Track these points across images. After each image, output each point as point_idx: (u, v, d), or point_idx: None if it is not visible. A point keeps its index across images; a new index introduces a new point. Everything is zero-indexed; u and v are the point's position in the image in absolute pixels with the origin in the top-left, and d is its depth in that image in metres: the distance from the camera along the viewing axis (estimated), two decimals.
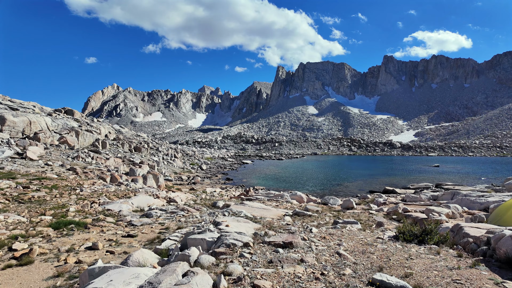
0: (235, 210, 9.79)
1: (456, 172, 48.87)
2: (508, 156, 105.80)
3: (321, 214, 11.08)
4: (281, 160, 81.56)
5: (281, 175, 43.37)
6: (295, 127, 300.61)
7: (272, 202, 18.46)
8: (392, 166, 62.81)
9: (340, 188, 31.01)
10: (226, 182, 36.19)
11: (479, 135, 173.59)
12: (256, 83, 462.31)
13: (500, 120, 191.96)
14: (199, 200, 18.74)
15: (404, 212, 10.54)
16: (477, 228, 5.16)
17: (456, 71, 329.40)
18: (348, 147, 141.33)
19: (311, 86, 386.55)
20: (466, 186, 30.51)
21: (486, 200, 10.98)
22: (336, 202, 17.51)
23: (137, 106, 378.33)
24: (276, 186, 32.46)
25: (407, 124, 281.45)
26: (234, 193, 27.54)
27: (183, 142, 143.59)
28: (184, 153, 65.75)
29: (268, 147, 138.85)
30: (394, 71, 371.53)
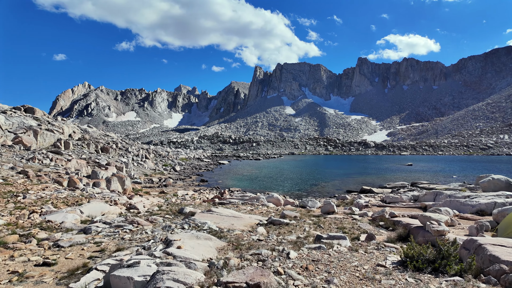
0: (198, 221, 8.20)
1: (428, 171, 49.74)
2: (474, 155, 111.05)
3: (300, 221, 9.72)
4: (259, 160, 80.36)
5: (258, 175, 42.02)
6: (273, 127, 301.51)
7: (247, 206, 16.97)
8: (367, 165, 63.37)
9: (317, 188, 30.12)
10: (201, 184, 34.29)
11: (447, 135, 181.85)
12: (234, 83, 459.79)
13: (465, 121, 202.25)
14: (166, 206, 16.91)
15: (391, 217, 9.41)
16: (503, 247, 3.99)
17: (426, 73, 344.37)
18: (324, 147, 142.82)
19: (288, 86, 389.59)
20: (440, 185, 30.63)
21: (478, 202, 10.15)
22: (315, 204, 16.31)
23: (109, 106, 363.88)
24: (253, 187, 31.02)
25: (380, 124, 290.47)
26: (208, 195, 25.77)
27: (157, 143, 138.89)
28: (156, 154, 62.79)
29: (245, 147, 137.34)
30: (368, 73, 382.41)
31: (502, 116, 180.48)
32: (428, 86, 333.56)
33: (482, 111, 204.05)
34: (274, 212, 13.93)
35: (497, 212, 7.40)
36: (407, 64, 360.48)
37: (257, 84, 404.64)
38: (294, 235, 6.92)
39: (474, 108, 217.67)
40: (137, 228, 7.41)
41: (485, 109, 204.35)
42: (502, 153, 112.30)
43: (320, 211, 12.33)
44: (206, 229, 7.33)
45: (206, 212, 10.32)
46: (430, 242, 6.26)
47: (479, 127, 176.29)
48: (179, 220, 9.52)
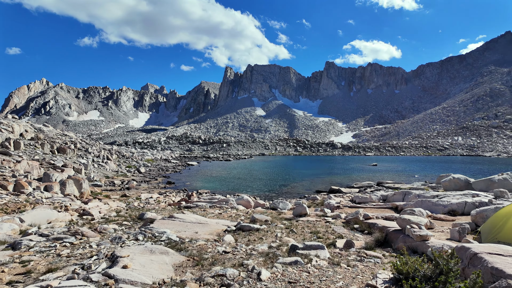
0: (156, 230, 7.18)
1: (392, 171, 51.62)
2: (432, 155, 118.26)
3: (271, 226, 9.02)
4: (229, 161, 79.21)
5: (228, 176, 41.03)
6: (244, 128, 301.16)
7: (215, 209, 16.03)
8: (335, 165, 64.75)
9: (287, 189, 29.83)
10: (167, 186, 32.63)
11: (408, 136, 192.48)
12: (204, 82, 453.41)
13: (424, 123, 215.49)
14: (125, 211, 15.46)
15: (365, 219, 9.02)
16: (501, 256, 3.55)
17: (388, 78, 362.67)
18: (294, 148, 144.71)
19: (259, 88, 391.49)
20: (404, 184, 31.69)
21: (450, 202, 10.11)
22: (286, 206, 15.76)
23: (70, 104, 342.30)
24: (222, 188, 30.03)
25: (346, 126, 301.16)
26: (174, 198, 24.38)
27: (122, 143, 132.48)
28: (120, 155, 59.46)
29: (216, 148, 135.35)
30: (335, 76, 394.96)
31: (456, 120, 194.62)
32: (390, 90, 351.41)
33: (439, 115, 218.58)
34: (243, 216, 13.16)
35: (476, 214, 7.22)
36: (371, 69, 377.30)
37: (227, 84, 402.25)
38: (265, 244, 6.19)
39: (432, 112, 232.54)
40: (80, 240, 6.24)
41: (441, 113, 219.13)
42: (457, 153, 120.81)
43: (292, 213, 11.74)
44: (164, 240, 6.36)
45: (167, 219, 9.27)
46: (412, 247, 5.83)
47: (436, 130, 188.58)
48: (134, 229, 8.38)
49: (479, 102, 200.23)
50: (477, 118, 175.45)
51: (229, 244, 6.39)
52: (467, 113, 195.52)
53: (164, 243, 6.09)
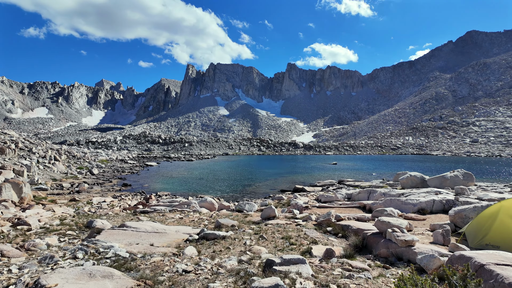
0: (101, 244, 5.97)
1: (351, 169, 53.42)
2: (386, 154, 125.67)
3: (239, 232, 8.18)
4: (191, 161, 76.77)
5: (190, 177, 39.34)
6: (207, 127, 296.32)
7: (175, 213, 14.77)
8: (298, 164, 65.68)
9: (252, 189, 29.19)
10: (123, 188, 30.23)
11: (364, 136, 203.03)
12: (164, 80, 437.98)
13: (378, 124, 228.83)
14: (71, 218, 13.62)
15: (337, 220, 8.56)
16: (511, 267, 3.12)
17: (346, 81, 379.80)
18: (257, 147, 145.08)
19: (222, 87, 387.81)
20: (364, 182, 32.61)
21: (419, 200, 10.07)
22: (252, 208, 15.02)
23: (13, 100, 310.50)
24: (184, 190, 28.52)
25: (307, 126, 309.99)
26: (130, 202, 22.48)
27: (73, 143, 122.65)
28: (70, 155, 54.57)
29: (177, 148, 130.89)
30: (296, 78, 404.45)
31: (407, 121, 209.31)
32: (347, 92, 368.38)
33: (391, 116, 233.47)
34: (207, 220, 12.15)
35: (454, 213, 7.05)
36: (330, 71, 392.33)
37: (189, 82, 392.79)
38: (234, 257, 5.33)
39: (385, 113, 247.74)
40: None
41: (394, 114, 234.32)
42: (408, 152, 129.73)
43: (259, 216, 11.01)
44: (110, 257, 5.21)
45: (117, 229, 7.99)
46: (397, 254, 5.36)
47: (389, 130, 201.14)
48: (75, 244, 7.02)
49: (426, 105, 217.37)
50: (425, 119, 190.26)
51: (190, 258, 5.42)
52: (416, 115, 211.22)
53: (110, 262, 4.97)
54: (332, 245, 6.58)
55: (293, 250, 6.32)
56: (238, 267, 4.63)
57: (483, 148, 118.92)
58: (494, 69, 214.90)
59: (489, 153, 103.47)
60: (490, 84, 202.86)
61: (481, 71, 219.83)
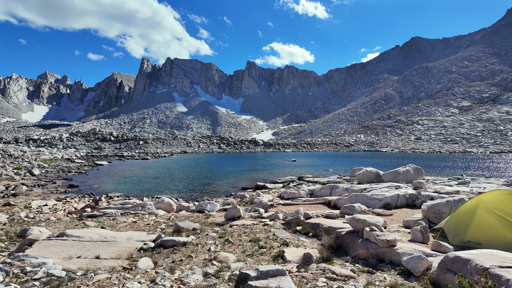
0: (29, 261, 4.78)
1: (309, 165, 54.73)
2: (340, 151, 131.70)
3: (201, 236, 7.37)
4: (147, 160, 72.92)
5: (145, 176, 37.03)
6: (163, 124, 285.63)
7: (128, 217, 13.39)
8: (258, 162, 65.78)
9: (213, 187, 28.24)
10: (68, 190, 27.35)
11: (320, 134, 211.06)
12: (117, 74, 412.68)
13: (333, 122, 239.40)
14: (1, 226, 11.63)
15: (306, 218, 8.16)
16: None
17: (303, 80, 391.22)
18: (217, 145, 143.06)
19: (179, 83, 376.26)
20: (322, 178, 33.38)
21: (384, 196, 10.11)
22: (214, 207, 14.18)
23: None
24: (139, 190, 26.61)
25: (266, 124, 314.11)
26: (77, 205, 20.30)
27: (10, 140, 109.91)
28: (5, 154, 48.54)
29: (131, 146, 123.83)
30: (255, 76, 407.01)
31: (359, 120, 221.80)
32: (305, 92, 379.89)
33: (345, 115, 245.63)
34: (165, 223, 11.07)
35: (427, 209, 6.98)
36: (288, 71, 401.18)
37: (144, 77, 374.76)
38: (198, 270, 4.54)
39: (339, 113, 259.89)
40: None
41: (347, 113, 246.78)
42: (360, 149, 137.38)
43: (223, 217, 10.26)
44: (39, 279, 4.11)
45: (54, 239, 6.71)
46: (377, 255, 5.00)
47: (343, 128, 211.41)
48: None
49: (376, 105, 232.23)
50: (375, 118, 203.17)
51: (145, 273, 4.51)
52: (367, 114, 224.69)
53: (39, 285, 3.91)
54: (305, 247, 6.11)
55: (264, 255, 5.72)
56: (205, 283, 3.87)
57: (425, 145, 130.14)
58: (434, 73, 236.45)
59: (431, 150, 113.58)
60: (431, 86, 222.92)
61: (424, 75, 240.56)
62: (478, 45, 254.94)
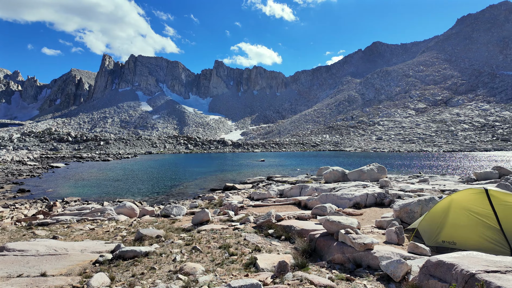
0: None
1: (278, 165, 55.17)
2: (307, 151, 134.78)
3: (166, 244, 6.79)
4: (108, 161, 69.11)
5: (106, 179, 34.90)
6: (126, 124, 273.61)
7: (85, 224, 12.29)
8: (227, 162, 65.13)
9: (180, 190, 27.24)
10: (18, 195, 24.97)
11: (288, 134, 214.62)
12: (75, 70, 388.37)
13: (300, 123, 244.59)
14: None
15: (278, 220, 7.89)
16: (501, 274, 2.70)
17: (271, 81, 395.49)
18: (185, 145, 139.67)
19: (144, 81, 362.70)
20: (291, 177, 33.66)
21: (354, 195, 10.14)
22: (181, 211, 13.49)
23: None
24: (99, 194, 24.90)
25: (235, 124, 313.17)
26: (27, 212, 18.50)
27: None
28: None
29: (91, 147, 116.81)
30: (224, 76, 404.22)
31: (324, 120, 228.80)
32: (273, 92, 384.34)
33: (311, 116, 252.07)
34: (126, 230, 10.25)
35: (399, 208, 6.97)
36: (257, 71, 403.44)
37: (106, 74, 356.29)
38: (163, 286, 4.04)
39: (306, 113, 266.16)
40: None
41: (313, 114, 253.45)
42: (326, 149, 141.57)
43: (190, 221, 9.68)
44: None
45: None
46: (354, 259, 4.81)
47: (309, 129, 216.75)
48: None
49: (340, 106, 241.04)
50: (339, 119, 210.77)
51: None
52: (332, 115, 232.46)
53: None
54: (278, 252, 5.81)
55: (235, 263, 5.32)
56: None
57: (386, 145, 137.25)
58: (393, 76, 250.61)
59: (391, 149, 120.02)
60: (391, 89, 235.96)
61: (384, 78, 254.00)
62: (432, 51, 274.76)
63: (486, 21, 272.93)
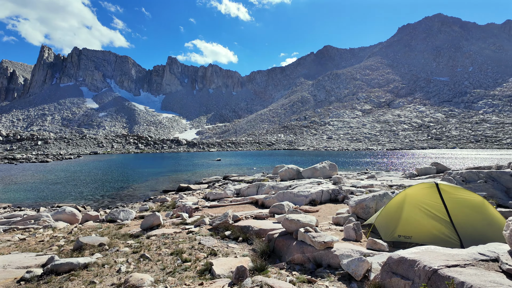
0: None
1: (234, 164, 54.94)
2: (263, 150, 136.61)
3: (110, 253, 6.06)
4: (47, 163, 62.64)
5: (44, 182, 31.42)
6: (69, 122, 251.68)
7: (14, 234, 10.73)
8: (181, 162, 63.11)
9: (129, 192, 25.52)
10: None
11: (244, 134, 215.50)
12: (7, 62, 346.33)
13: (256, 122, 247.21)
14: None
15: (235, 221, 7.57)
16: (462, 268, 2.66)
17: (227, 80, 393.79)
18: (135, 145, 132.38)
19: (89, 76, 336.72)
20: (247, 176, 33.64)
21: (310, 192, 10.20)
22: (129, 215, 12.48)
23: None
24: (34, 199, 22.25)
25: (190, 123, 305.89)
26: None
27: None
28: None
29: (26, 147, 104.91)
30: (178, 73, 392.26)
31: (279, 120, 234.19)
32: (229, 91, 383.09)
33: (266, 116, 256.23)
34: (65, 238, 9.12)
35: (355, 204, 7.05)
36: (212, 70, 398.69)
37: (45, 68, 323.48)
38: None
39: (261, 113, 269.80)
40: None
41: (268, 114, 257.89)
42: (281, 147, 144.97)
43: (139, 226, 8.91)
44: None
45: None
46: (315, 259, 4.67)
47: (265, 128, 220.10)
48: None
49: (294, 107, 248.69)
50: (293, 119, 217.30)
51: None
52: (286, 115, 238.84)
53: None
54: (235, 255, 5.49)
55: (188, 270, 4.88)
56: None
57: (336, 143, 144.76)
58: (343, 79, 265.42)
59: (340, 147, 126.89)
60: (340, 91, 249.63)
61: (334, 80, 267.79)
62: (377, 57, 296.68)
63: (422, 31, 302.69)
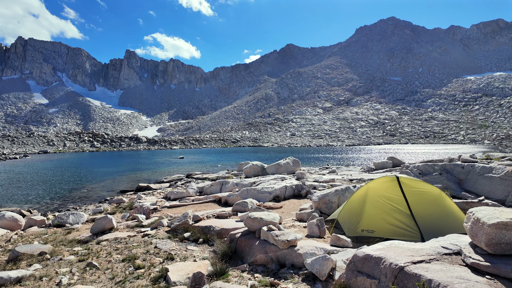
0: None
1: (198, 162, 53.82)
2: (228, 147, 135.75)
3: (51, 263, 5.35)
4: None
5: None
6: (14, 119, 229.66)
7: None
8: (141, 161, 60.40)
9: (82, 193, 23.72)
10: None
11: (208, 131, 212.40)
12: None
13: (220, 119, 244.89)
14: None
15: (196, 221, 7.16)
16: (426, 264, 2.57)
17: (190, 76, 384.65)
18: (90, 143, 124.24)
19: (37, 68, 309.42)
20: (212, 174, 33.09)
21: (274, 188, 10.06)
22: (80, 218, 11.46)
23: None
24: None
25: (151, 120, 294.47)
26: None
27: None
28: None
29: None
30: (136, 67, 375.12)
31: (244, 117, 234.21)
32: (192, 87, 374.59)
33: (231, 112, 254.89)
34: (1, 248, 8.06)
35: (318, 199, 6.96)
36: (174, 65, 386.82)
37: None
38: None
39: (226, 110, 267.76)
40: None
41: (233, 111, 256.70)
42: (246, 144, 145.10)
43: (89, 231, 8.13)
44: None
45: None
46: (278, 258, 4.45)
47: (230, 125, 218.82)
48: None
49: (258, 104, 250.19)
50: (258, 116, 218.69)
51: None
52: (251, 112, 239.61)
53: None
54: (194, 258, 5.11)
55: (141, 278, 4.42)
56: None
57: (299, 140, 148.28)
58: (305, 77, 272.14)
59: (303, 144, 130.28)
60: (303, 89, 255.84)
61: (297, 78, 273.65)
62: (336, 56, 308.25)
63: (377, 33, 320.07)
